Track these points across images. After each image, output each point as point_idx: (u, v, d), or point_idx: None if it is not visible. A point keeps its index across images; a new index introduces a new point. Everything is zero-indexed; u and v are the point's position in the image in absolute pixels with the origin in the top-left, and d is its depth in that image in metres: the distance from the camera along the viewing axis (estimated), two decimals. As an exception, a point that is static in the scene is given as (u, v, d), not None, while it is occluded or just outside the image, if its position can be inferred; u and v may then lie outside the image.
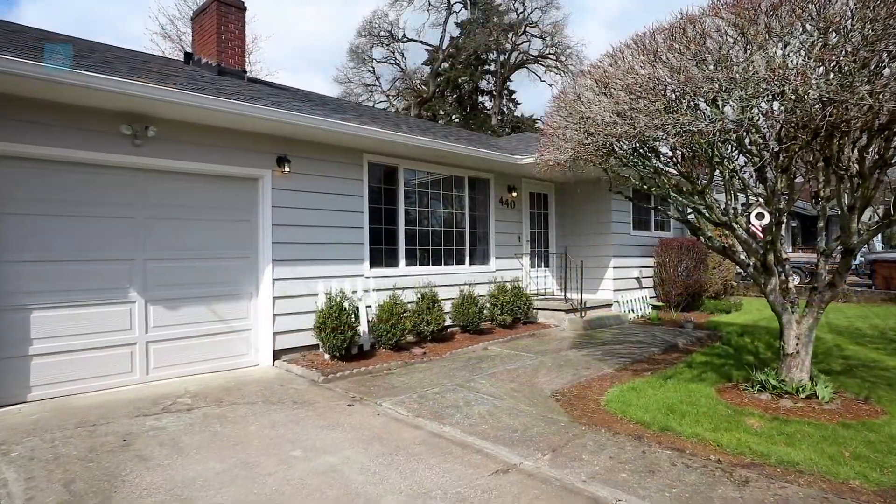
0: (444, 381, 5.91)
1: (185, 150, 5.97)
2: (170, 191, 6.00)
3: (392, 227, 8.23)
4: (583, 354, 7.30)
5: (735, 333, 8.82)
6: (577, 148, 4.57)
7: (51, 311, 5.18)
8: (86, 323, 5.36)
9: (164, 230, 5.94)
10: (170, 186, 6.00)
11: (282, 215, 6.76)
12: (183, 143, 5.95)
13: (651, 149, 4.87)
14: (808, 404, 4.97)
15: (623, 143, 5.05)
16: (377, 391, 5.53)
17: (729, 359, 7.00)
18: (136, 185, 5.76)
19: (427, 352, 7.26)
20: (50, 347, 5.16)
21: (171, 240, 5.99)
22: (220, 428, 4.39)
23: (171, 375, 5.89)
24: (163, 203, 5.94)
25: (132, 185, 5.73)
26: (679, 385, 5.70)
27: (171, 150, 5.86)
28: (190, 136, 6.00)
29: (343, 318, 6.42)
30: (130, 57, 7.41)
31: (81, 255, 5.37)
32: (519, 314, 9.08)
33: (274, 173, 6.71)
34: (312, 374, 6.01)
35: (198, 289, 6.19)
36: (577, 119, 4.60)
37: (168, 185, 5.99)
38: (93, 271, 5.44)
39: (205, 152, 6.13)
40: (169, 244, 5.98)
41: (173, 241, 6.01)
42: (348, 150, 7.52)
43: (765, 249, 4.91)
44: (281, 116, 6.12)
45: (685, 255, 11.11)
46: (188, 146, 5.99)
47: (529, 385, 5.81)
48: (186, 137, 5.98)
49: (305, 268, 6.96)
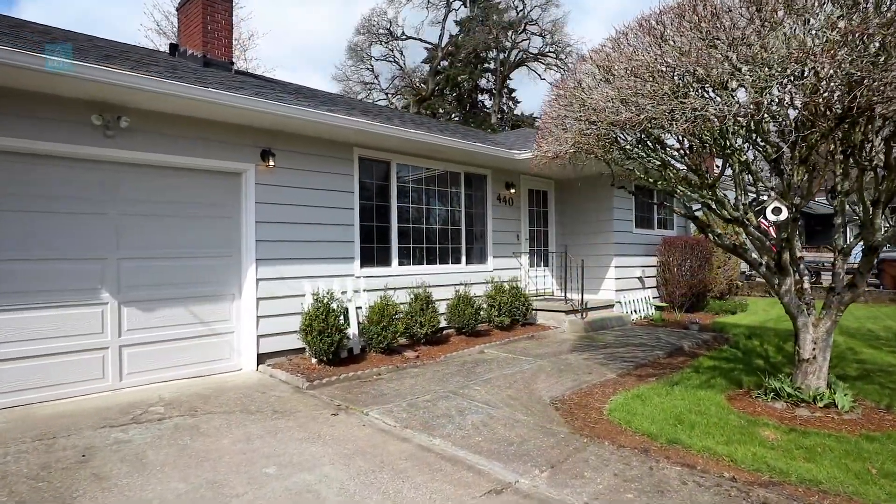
0: (437, 388, 5.57)
1: (162, 143, 5.63)
2: (146, 185, 5.65)
3: (384, 225, 7.88)
4: (584, 358, 6.95)
5: (743, 336, 8.47)
6: (578, 138, 4.22)
7: (13, 314, 4.83)
8: (53, 326, 5.02)
9: (139, 227, 5.60)
10: (146, 181, 5.65)
11: (266, 212, 6.41)
12: (159, 135, 5.60)
13: (656, 140, 4.52)
14: (826, 414, 4.63)
15: (627, 133, 4.71)
16: (364, 398, 5.19)
17: (738, 363, 6.65)
18: (109, 179, 5.41)
19: (420, 355, 6.92)
20: (12, 352, 4.81)
21: (147, 237, 5.65)
22: (191, 441, 4.04)
23: (146, 382, 5.55)
24: (138, 198, 5.60)
25: (104, 179, 5.38)
26: (687, 392, 5.36)
27: (147, 142, 5.51)
28: (167, 128, 5.66)
29: (330, 320, 6.08)
30: (109, 46, 7.06)
31: (48, 254, 5.02)
32: (517, 315, 8.73)
33: (258, 168, 6.36)
34: (297, 380, 5.66)
35: (176, 289, 5.84)
36: (577, 107, 4.25)
37: (144, 180, 5.64)
38: (60, 270, 5.09)
39: (183, 145, 5.78)
40: (145, 242, 5.63)
41: (150, 239, 5.66)
42: (337, 144, 7.18)
43: (780, 247, 4.56)
44: (263, 106, 5.77)
45: (689, 254, 10.76)
46: (165, 138, 5.65)
47: (527, 392, 5.46)
48: (163, 129, 5.63)
49: (291, 267, 6.61)
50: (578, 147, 4.26)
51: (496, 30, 32.96)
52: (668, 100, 3.37)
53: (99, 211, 5.33)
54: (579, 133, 4.19)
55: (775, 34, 2.97)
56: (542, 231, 10.93)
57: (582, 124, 4.19)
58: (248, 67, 21.86)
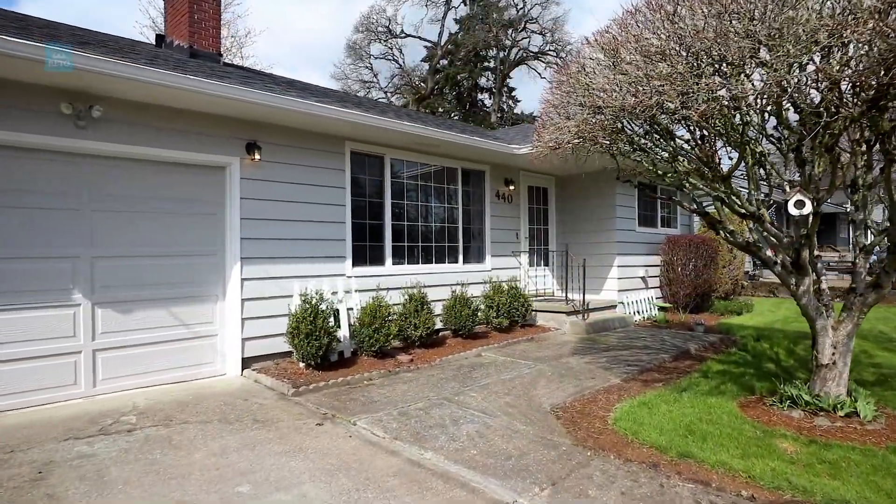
0: (431, 394, 5.24)
1: (140, 134, 5.30)
2: (122, 180, 5.33)
3: (378, 223, 7.55)
4: (586, 362, 6.62)
5: (751, 337, 8.14)
6: (581, 126, 3.90)
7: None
8: (19, 329, 4.69)
9: (115, 224, 5.27)
10: (122, 175, 5.32)
11: (252, 208, 6.09)
12: (136, 126, 5.28)
13: (665, 129, 4.19)
14: (847, 424, 4.30)
15: (634, 123, 4.38)
16: (353, 406, 4.86)
17: (748, 367, 6.32)
18: (81, 172, 5.08)
19: (414, 359, 6.59)
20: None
21: (123, 235, 5.32)
22: (161, 455, 3.72)
23: (122, 388, 5.22)
24: (114, 193, 5.27)
25: (76, 172, 5.05)
26: (696, 399, 5.03)
27: (123, 133, 5.19)
28: (144, 119, 5.33)
29: (319, 322, 5.75)
30: (88, 35, 6.74)
31: (12, 252, 4.68)
32: (516, 316, 8.40)
33: (243, 161, 6.03)
34: (282, 386, 5.34)
35: (155, 290, 5.52)
36: (581, 92, 3.93)
37: (120, 174, 5.31)
38: (27, 270, 4.76)
39: (162, 137, 5.45)
40: (121, 240, 5.30)
41: (127, 237, 5.34)
42: (328, 137, 6.85)
43: (799, 244, 4.24)
44: (248, 96, 5.45)
45: (694, 253, 10.43)
46: (142, 129, 5.32)
47: (526, 398, 5.14)
48: (140, 120, 5.31)
49: (279, 266, 6.29)
50: (581, 136, 3.93)
51: (496, 28, 32.62)
52: (682, 81, 3.05)
53: (71, 206, 5.00)
54: (583, 121, 3.86)
55: (805, 3, 2.65)
56: (542, 229, 10.60)
57: (586, 111, 3.86)
58: (245, 65, 21.51)
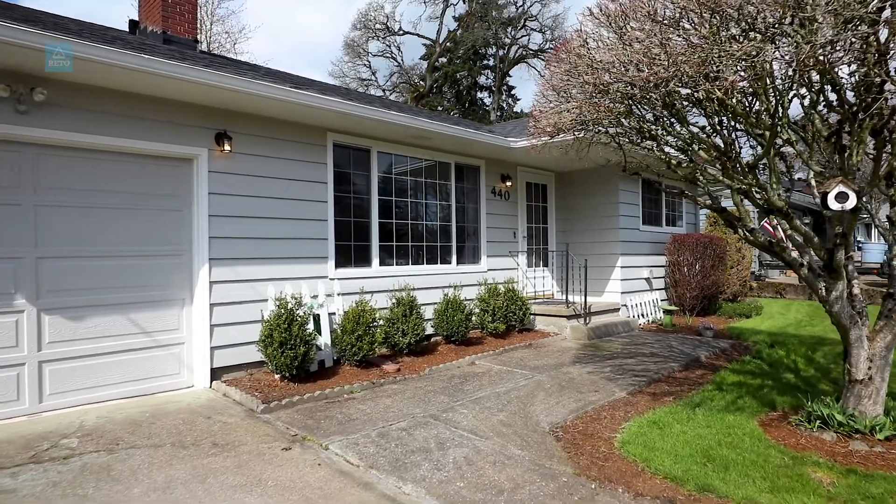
0: (416, 410, 4.71)
1: (94, 122, 4.77)
2: (74, 172, 4.79)
3: (364, 221, 7.02)
4: (588, 371, 6.09)
5: (764, 344, 7.61)
6: (584, 108, 3.37)
7: None
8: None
9: (65, 221, 4.74)
10: (73, 166, 4.79)
11: (222, 204, 5.56)
12: (88, 112, 4.75)
13: (678, 112, 3.66)
14: (889, 449, 3.78)
15: (643, 106, 3.85)
16: (328, 426, 4.33)
17: (766, 378, 5.79)
18: (23, 162, 4.54)
19: (402, 368, 6.06)
20: None
21: (75, 233, 4.79)
22: (94, 490, 3.19)
23: (72, 404, 4.69)
24: (63, 186, 4.74)
25: (17, 162, 4.51)
26: (712, 417, 4.50)
27: (73, 120, 4.66)
28: (99, 105, 4.80)
29: (295, 329, 5.22)
30: (47, 18, 6.20)
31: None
32: (513, 321, 7.87)
33: (212, 153, 5.50)
34: (251, 401, 4.80)
35: (113, 294, 4.98)
36: (584, 70, 3.40)
37: (71, 165, 4.77)
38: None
39: (120, 125, 4.92)
40: (72, 238, 4.77)
41: (78, 235, 4.81)
42: (308, 128, 6.32)
43: (833, 244, 3.71)
44: (216, 80, 4.91)
45: (701, 252, 9.89)
46: (97, 116, 4.79)
47: (523, 416, 4.61)
48: (94, 105, 4.78)
49: (252, 268, 5.75)
50: (584, 121, 3.40)
51: (495, 25, 32.10)
52: (709, 47, 2.53)
53: (10, 201, 4.47)
54: (585, 102, 3.34)
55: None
56: (541, 228, 10.07)
57: (589, 90, 3.33)
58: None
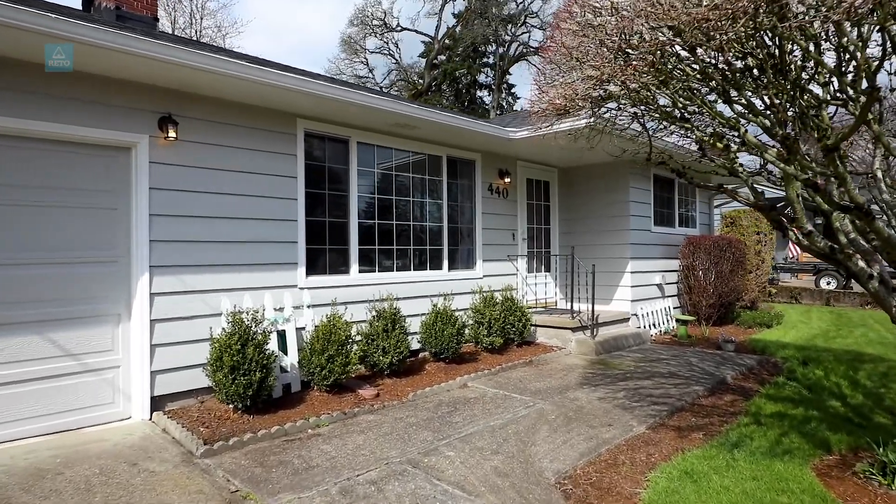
0: (392, 454, 3.85)
1: (4, 100, 3.93)
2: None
3: (341, 221, 6.16)
4: (598, 398, 5.23)
5: (795, 360, 6.74)
6: (604, 69, 2.50)
7: None
8: None
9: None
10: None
11: (167, 202, 4.71)
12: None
13: (733, 78, 2.80)
14: None
15: (687, 68, 2.99)
16: (279, 476, 3.47)
17: (808, 407, 4.92)
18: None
19: (381, 392, 5.20)
20: None
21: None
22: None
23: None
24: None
25: None
26: (757, 464, 3.64)
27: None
28: (5, 80, 3.96)
29: (250, 351, 4.36)
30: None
31: None
32: (512, 334, 7.01)
33: (154, 141, 4.65)
34: (191, 441, 3.94)
35: (30, 310, 4.13)
36: (603, 20, 2.55)
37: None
38: None
39: (36, 105, 4.07)
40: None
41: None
42: (274, 114, 5.46)
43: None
44: (157, 51, 4.03)
45: (719, 256, 9.03)
46: (8, 94, 3.94)
47: (522, 461, 3.74)
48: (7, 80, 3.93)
49: (203, 277, 4.90)
50: (604, 78, 2.52)
51: (495, 23, 31.27)
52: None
53: None
54: (606, 61, 2.47)
55: None
56: (543, 229, 9.20)
57: (612, 49, 2.47)
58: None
